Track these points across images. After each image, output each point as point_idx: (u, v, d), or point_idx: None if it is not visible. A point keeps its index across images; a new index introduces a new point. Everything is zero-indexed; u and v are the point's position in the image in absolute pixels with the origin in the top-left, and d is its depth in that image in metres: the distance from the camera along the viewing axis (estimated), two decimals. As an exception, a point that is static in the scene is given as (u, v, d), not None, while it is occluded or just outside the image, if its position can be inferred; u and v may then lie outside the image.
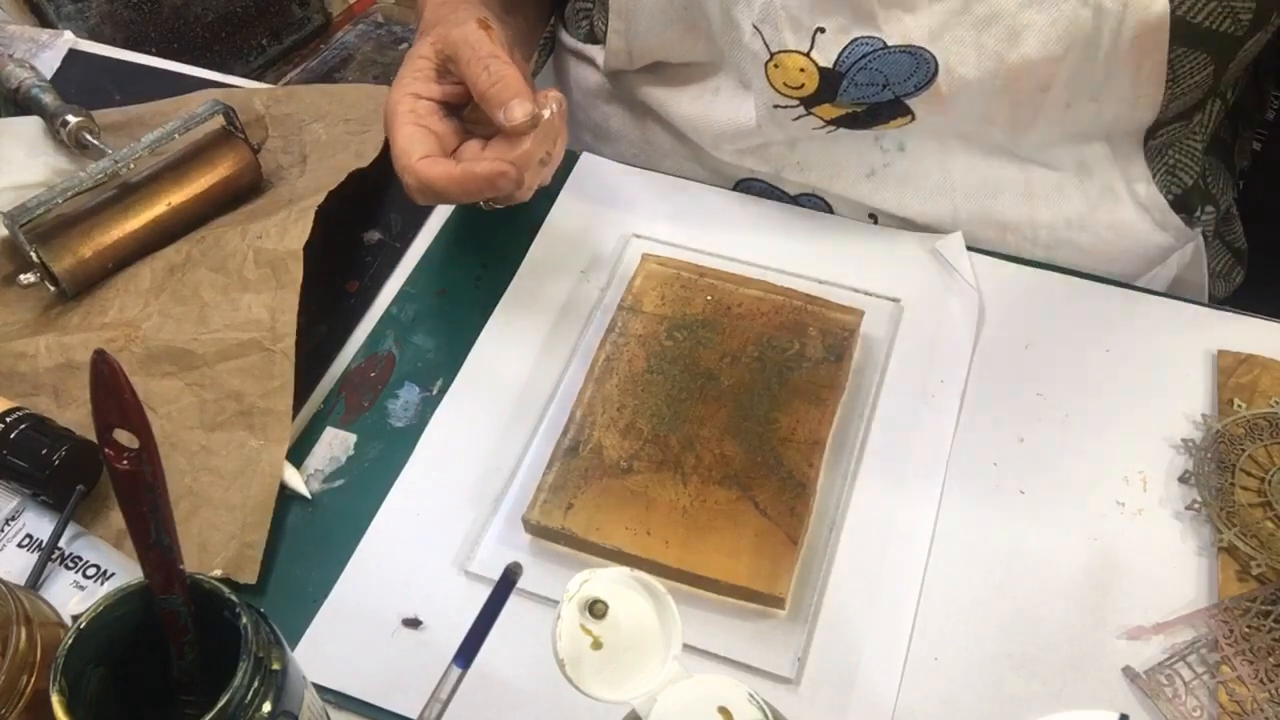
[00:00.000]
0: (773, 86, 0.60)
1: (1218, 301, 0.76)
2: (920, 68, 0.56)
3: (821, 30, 0.56)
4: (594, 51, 0.72)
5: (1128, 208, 0.65)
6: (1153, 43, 0.54)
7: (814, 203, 0.68)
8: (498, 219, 0.66)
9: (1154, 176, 0.64)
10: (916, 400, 0.58)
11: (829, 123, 0.61)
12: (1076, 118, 0.58)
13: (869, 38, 0.55)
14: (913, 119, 0.59)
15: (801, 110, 0.60)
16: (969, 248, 0.64)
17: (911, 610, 0.51)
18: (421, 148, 0.54)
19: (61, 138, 0.70)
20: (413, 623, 0.51)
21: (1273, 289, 0.77)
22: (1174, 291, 0.67)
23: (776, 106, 0.61)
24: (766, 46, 0.58)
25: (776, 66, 0.58)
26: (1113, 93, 0.57)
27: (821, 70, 0.57)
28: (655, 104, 0.70)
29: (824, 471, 0.55)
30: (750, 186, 0.70)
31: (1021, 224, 0.66)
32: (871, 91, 0.58)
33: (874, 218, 0.68)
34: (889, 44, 0.55)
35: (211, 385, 0.58)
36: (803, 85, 0.59)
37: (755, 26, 0.58)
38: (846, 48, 0.56)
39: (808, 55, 0.57)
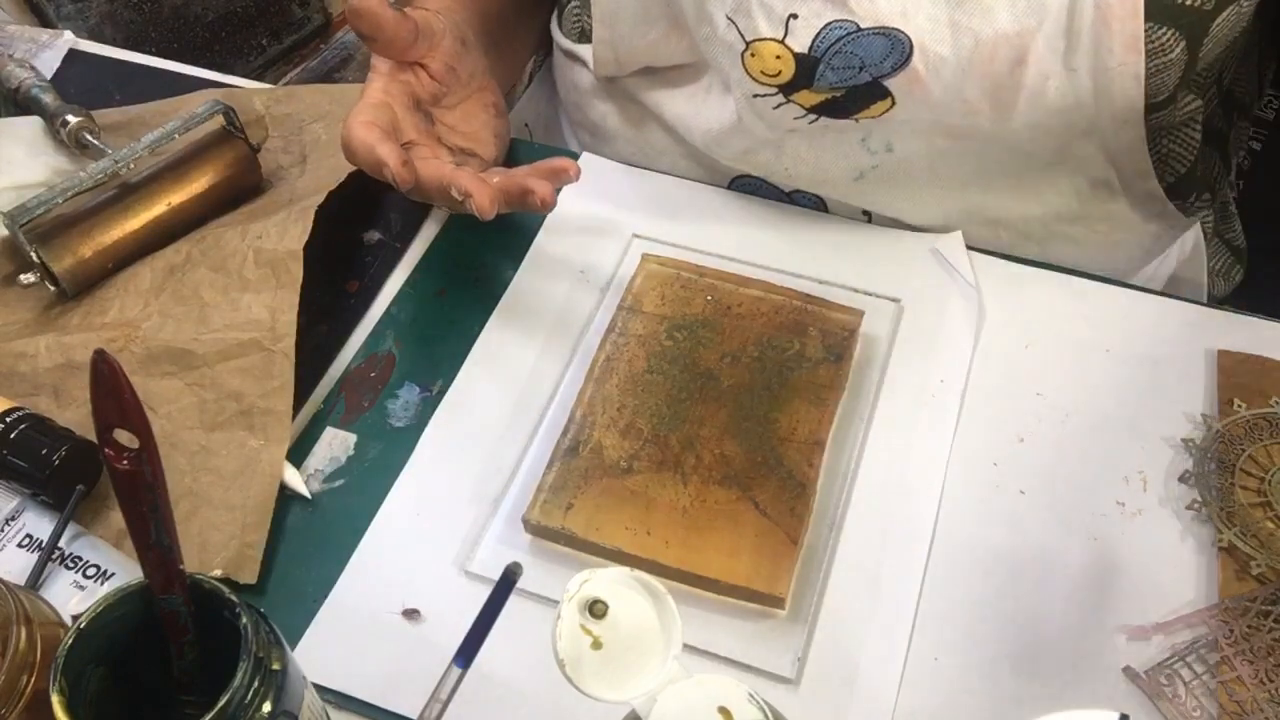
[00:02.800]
0: (750, 75, 0.60)
1: (1217, 300, 0.76)
2: (895, 49, 0.56)
3: (794, 16, 0.56)
4: (587, 52, 0.72)
5: (1121, 199, 0.65)
6: (1127, 9, 0.54)
7: (808, 199, 0.68)
8: (497, 220, 0.66)
9: (1149, 164, 0.64)
10: (916, 400, 0.58)
11: (809, 110, 0.61)
12: (1061, 94, 0.57)
13: (842, 21, 0.56)
14: (893, 103, 0.59)
15: (780, 98, 0.60)
16: (966, 246, 0.64)
17: (911, 610, 0.51)
18: (370, 113, 0.58)
19: (61, 138, 0.70)
20: (411, 613, 0.51)
21: (1273, 288, 0.77)
22: (1173, 290, 0.67)
23: (756, 96, 0.61)
24: (741, 36, 0.58)
25: (753, 55, 0.59)
26: (1090, 63, 0.57)
27: (797, 56, 0.58)
28: (650, 104, 0.70)
29: (824, 471, 0.55)
30: (745, 183, 0.70)
31: (1013, 219, 0.66)
32: (848, 75, 0.58)
33: (868, 215, 0.68)
34: (862, 26, 0.55)
35: (211, 385, 0.58)
36: (779, 72, 0.59)
37: (729, 18, 0.58)
38: (820, 32, 0.56)
39: (782, 42, 0.57)
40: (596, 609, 0.35)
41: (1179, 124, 0.64)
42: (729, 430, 0.55)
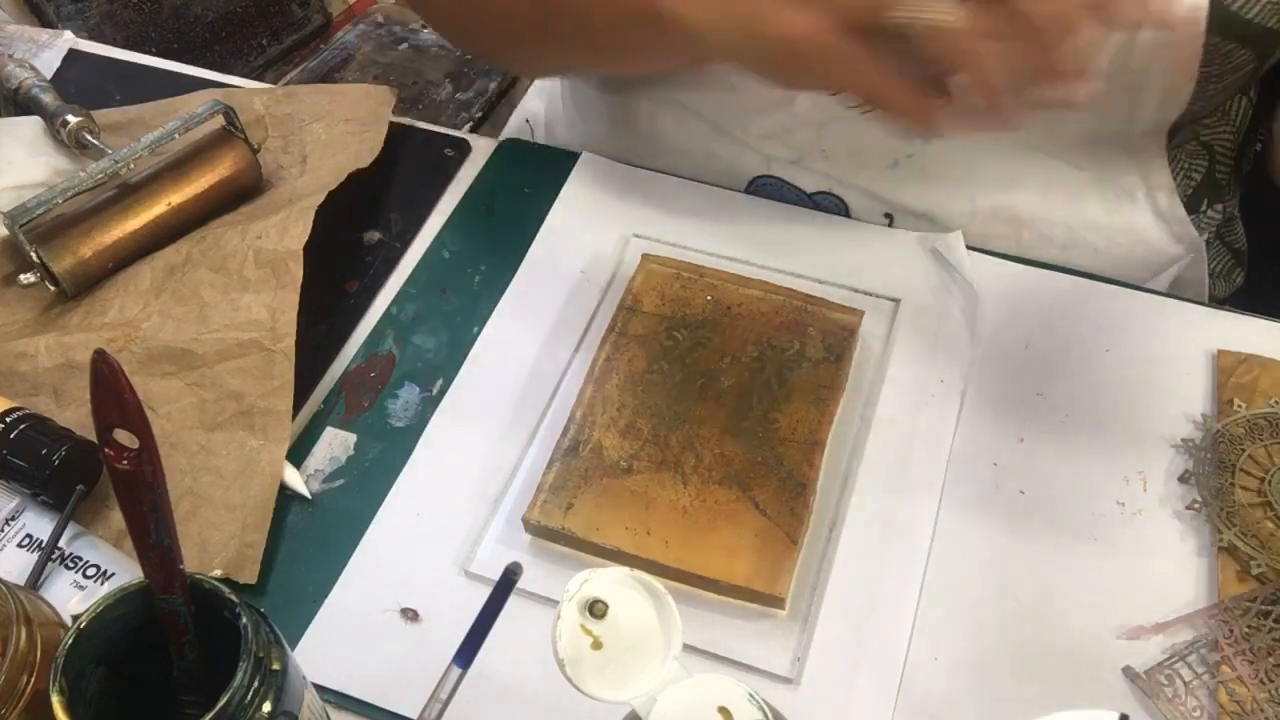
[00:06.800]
0: None
1: (1218, 301, 0.76)
2: None
3: None
4: None
5: (1144, 214, 0.65)
6: (1189, 29, 0.54)
7: (830, 202, 0.68)
8: (498, 219, 0.66)
9: (1174, 180, 0.64)
10: (916, 400, 0.58)
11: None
12: (1113, 104, 0.57)
13: None
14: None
15: None
16: (981, 245, 0.64)
17: (911, 610, 0.51)
18: None
19: (61, 138, 0.70)
20: (411, 613, 0.51)
21: (1273, 289, 0.77)
22: (1174, 291, 0.67)
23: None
24: None
25: None
26: (1144, 80, 0.56)
27: None
28: (675, 88, 0.69)
29: (824, 471, 0.55)
30: (763, 187, 0.69)
31: (1038, 221, 0.66)
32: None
33: (889, 218, 0.67)
34: None
35: (211, 385, 0.58)
36: None
37: None
38: None
39: None
40: (596, 609, 0.35)
41: (1200, 138, 0.65)
42: (729, 430, 0.55)
